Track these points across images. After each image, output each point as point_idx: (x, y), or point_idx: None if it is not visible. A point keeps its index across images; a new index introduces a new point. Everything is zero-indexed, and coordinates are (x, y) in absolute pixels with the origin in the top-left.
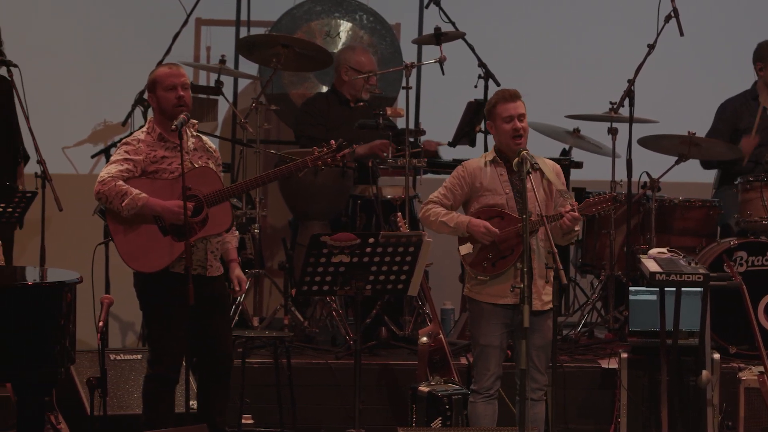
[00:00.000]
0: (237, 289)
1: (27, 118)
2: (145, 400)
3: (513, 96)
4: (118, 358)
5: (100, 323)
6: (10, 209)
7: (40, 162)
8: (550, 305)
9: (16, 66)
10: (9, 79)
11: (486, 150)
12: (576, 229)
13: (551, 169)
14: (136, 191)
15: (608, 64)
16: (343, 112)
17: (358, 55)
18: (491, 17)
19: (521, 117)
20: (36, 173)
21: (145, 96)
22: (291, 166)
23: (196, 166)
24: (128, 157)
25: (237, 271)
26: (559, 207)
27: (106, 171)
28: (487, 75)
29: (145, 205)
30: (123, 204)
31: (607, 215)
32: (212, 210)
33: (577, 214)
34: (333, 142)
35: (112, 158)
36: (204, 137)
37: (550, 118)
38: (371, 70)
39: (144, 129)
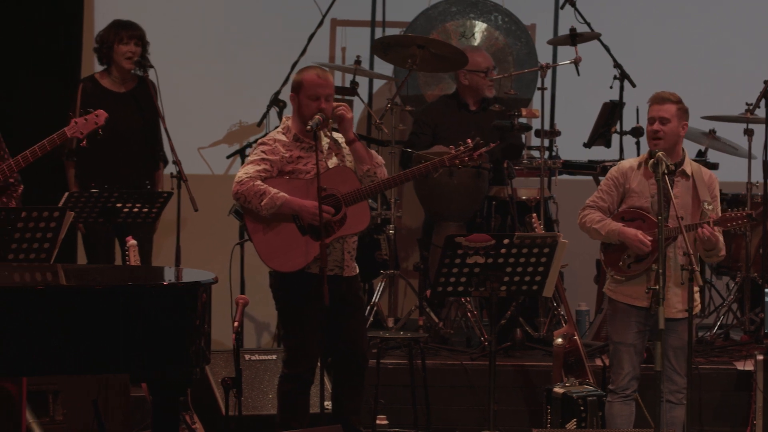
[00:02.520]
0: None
1: (163, 120)
2: (280, 400)
3: (660, 99)
4: (253, 358)
5: (236, 323)
6: (146, 209)
7: (176, 163)
8: (686, 313)
9: (152, 67)
10: (146, 80)
11: (621, 151)
12: (720, 248)
13: (703, 177)
14: (274, 191)
15: (744, 64)
16: (461, 117)
17: (472, 56)
18: (627, 18)
19: (663, 120)
20: (172, 174)
21: (281, 96)
22: (428, 165)
23: (330, 166)
24: (265, 157)
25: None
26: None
27: (244, 171)
28: (623, 76)
29: (284, 205)
30: (262, 203)
31: None
32: (350, 209)
33: (709, 228)
34: (469, 140)
35: (249, 158)
36: (339, 135)
37: None
38: (488, 67)
39: (280, 129)
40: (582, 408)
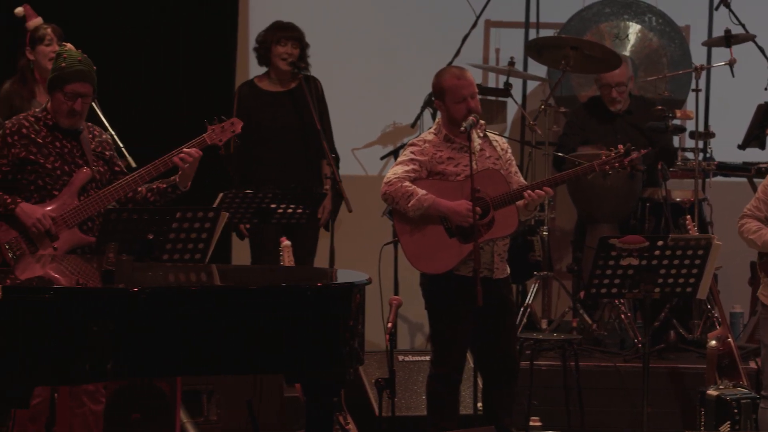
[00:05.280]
0: None
1: (317, 121)
2: (429, 400)
3: None
4: (407, 359)
5: (389, 324)
6: (300, 210)
7: (331, 164)
8: None
9: (308, 71)
10: (302, 82)
11: None
12: None
13: None
14: (422, 192)
15: None
16: (607, 118)
17: None
18: None
19: None
20: (326, 175)
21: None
22: (578, 169)
23: (481, 168)
24: (414, 157)
25: None
26: None
27: (392, 172)
28: None
29: (431, 206)
30: (409, 204)
31: None
32: (498, 212)
33: None
34: (621, 146)
35: (399, 159)
36: (494, 136)
37: None
38: (620, 82)
39: (432, 130)
40: (736, 411)
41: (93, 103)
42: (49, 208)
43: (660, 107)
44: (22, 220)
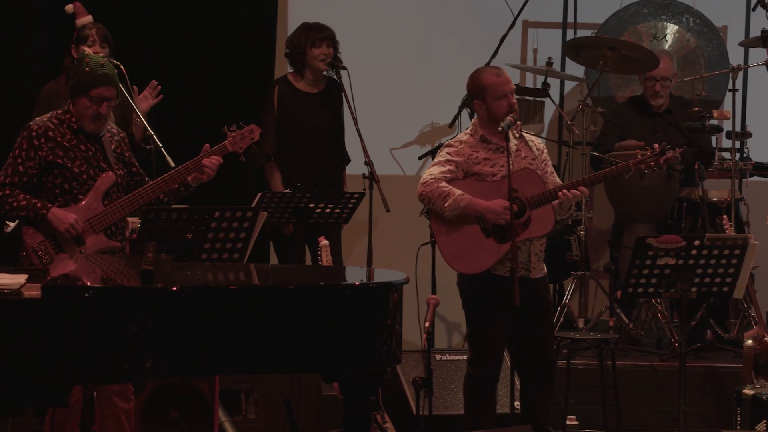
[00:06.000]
0: None
1: (355, 120)
2: (466, 400)
3: None
4: (444, 358)
5: (426, 323)
6: (338, 210)
7: (368, 163)
8: None
9: (344, 68)
10: (339, 81)
11: None
12: None
13: None
14: (458, 192)
15: None
16: (647, 118)
17: None
18: None
19: None
20: (364, 174)
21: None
22: (613, 169)
23: (517, 168)
24: (450, 158)
25: None
26: None
27: (429, 173)
28: None
29: (468, 206)
30: (445, 205)
31: None
32: (534, 212)
33: None
34: (656, 145)
35: (435, 160)
36: (529, 136)
37: None
38: (665, 77)
39: (468, 131)
40: None
41: (132, 103)
42: (77, 213)
43: (697, 108)
44: (54, 225)
